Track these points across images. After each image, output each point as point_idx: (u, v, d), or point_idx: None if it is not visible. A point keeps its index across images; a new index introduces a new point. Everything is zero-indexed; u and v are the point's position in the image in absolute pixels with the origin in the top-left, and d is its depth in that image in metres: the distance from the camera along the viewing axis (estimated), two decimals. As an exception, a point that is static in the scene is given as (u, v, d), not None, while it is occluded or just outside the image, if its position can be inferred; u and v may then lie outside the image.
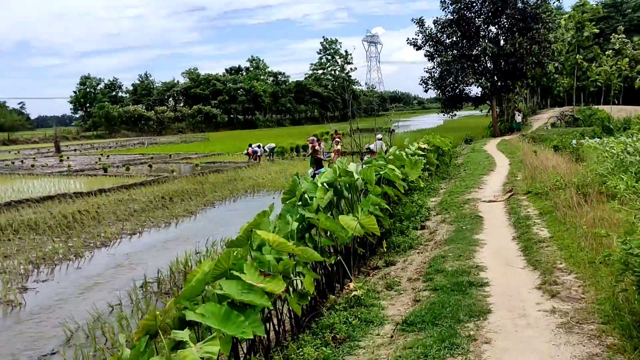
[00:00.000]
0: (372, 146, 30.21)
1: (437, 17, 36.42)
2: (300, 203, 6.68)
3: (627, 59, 46.08)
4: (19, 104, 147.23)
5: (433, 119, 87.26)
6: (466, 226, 8.82)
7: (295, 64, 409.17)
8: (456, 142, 33.28)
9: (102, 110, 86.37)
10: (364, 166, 10.55)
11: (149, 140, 70.57)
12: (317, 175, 8.64)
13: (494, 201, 11.06)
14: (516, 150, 22.84)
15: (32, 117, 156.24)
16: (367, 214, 6.98)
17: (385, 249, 8.28)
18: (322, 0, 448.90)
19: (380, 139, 26.47)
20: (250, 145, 34.30)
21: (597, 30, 43.72)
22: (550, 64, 41.05)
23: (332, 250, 7.12)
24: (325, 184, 7.68)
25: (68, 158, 43.36)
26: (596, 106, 53.54)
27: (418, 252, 8.00)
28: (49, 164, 36.82)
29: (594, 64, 45.64)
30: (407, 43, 37.75)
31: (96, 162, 36.10)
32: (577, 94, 51.72)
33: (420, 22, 36.63)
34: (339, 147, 22.96)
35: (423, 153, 14.12)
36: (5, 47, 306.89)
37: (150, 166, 32.03)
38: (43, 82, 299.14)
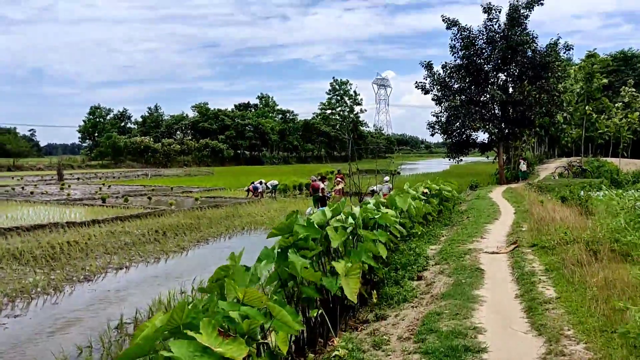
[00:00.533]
0: (376, 188, 29.64)
1: (445, 62, 36.43)
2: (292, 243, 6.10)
3: (637, 113, 45.74)
4: (29, 130, 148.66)
5: (439, 164, 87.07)
6: (466, 279, 8.16)
7: (304, 102, 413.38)
8: (461, 187, 32.73)
9: (109, 140, 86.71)
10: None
11: (153, 172, 70.45)
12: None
13: (497, 253, 10.39)
14: (522, 199, 22.25)
15: (42, 144, 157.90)
16: (357, 262, 6.38)
17: (376, 300, 7.65)
18: (333, 43, 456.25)
19: (388, 181, 25.95)
20: (252, 183, 33.93)
21: (606, 82, 43.47)
22: (558, 113, 40.84)
23: (317, 300, 6.51)
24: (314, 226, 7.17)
25: (69, 186, 43.09)
26: (604, 158, 53.05)
27: (412, 306, 7.35)
28: (49, 192, 36.49)
29: (603, 116, 45.27)
30: (415, 87, 37.69)
31: (96, 192, 35.73)
32: (586, 145, 51.33)
33: (429, 66, 36.60)
34: (340, 187, 22.47)
35: (424, 198, 13.56)
36: (19, 74, 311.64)
37: (149, 198, 31.57)
38: (54, 110, 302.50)
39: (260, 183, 33.72)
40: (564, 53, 34.85)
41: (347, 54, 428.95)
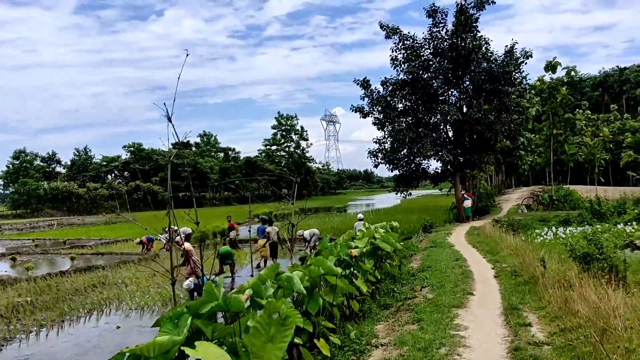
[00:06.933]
0: (306, 233, 23.27)
1: (385, 77, 30.45)
2: None
3: (606, 129, 40.80)
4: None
5: (389, 198, 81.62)
6: None
7: (253, 142, 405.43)
8: (413, 227, 26.49)
9: (23, 186, 77.19)
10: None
11: (73, 220, 62.59)
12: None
13: None
14: (496, 245, 16.00)
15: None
16: None
17: None
18: (282, 81, 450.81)
19: (362, 219, 19.91)
20: (164, 229, 27.13)
21: (568, 91, 37.98)
22: (520, 137, 35.50)
23: None
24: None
25: (-63, 246, 35.12)
26: (566, 186, 48.40)
27: None
28: None
29: (574, 137, 39.68)
30: (351, 110, 31.59)
31: (-43, 253, 28.17)
32: (544, 173, 46.26)
33: (365, 84, 30.46)
34: (185, 246, 13.88)
35: (336, 273, 6.90)
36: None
37: (13, 259, 24.25)
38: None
39: (171, 232, 26.81)
40: (522, 62, 29.26)
41: (296, 92, 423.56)
